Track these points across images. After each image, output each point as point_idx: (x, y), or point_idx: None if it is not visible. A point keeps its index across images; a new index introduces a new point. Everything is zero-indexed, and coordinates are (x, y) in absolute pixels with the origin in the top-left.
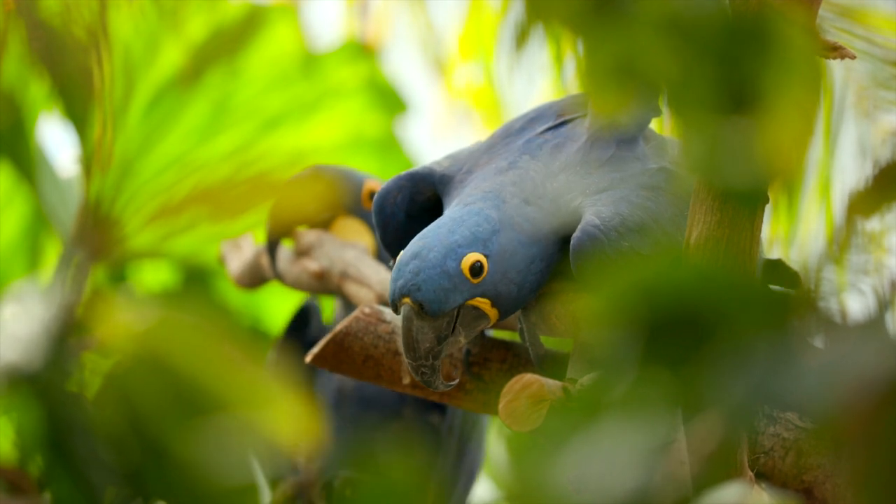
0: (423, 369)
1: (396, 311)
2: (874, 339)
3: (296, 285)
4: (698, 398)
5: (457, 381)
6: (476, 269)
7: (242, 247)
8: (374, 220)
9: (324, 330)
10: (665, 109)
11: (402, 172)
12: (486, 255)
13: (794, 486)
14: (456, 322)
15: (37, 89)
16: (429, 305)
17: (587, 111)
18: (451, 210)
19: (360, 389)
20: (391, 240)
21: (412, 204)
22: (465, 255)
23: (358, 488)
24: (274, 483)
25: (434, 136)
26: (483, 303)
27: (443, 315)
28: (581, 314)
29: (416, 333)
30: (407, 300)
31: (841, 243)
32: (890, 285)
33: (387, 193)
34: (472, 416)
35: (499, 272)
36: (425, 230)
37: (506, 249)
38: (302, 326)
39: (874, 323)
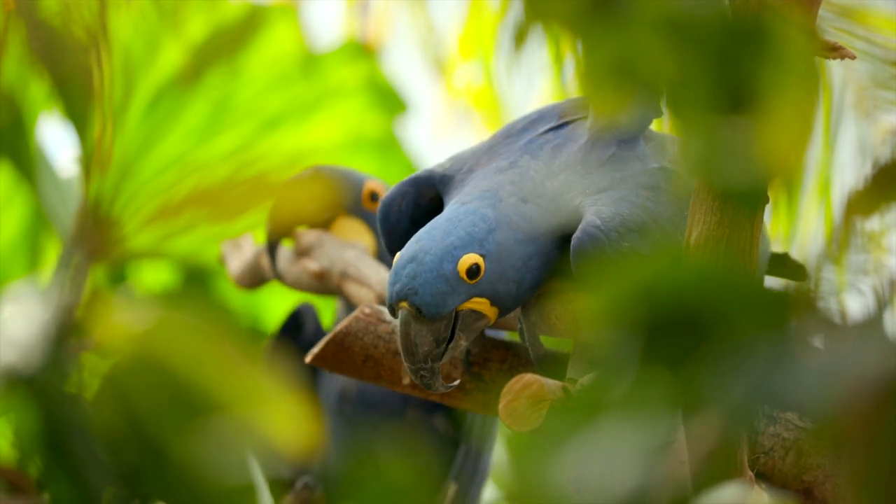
0: (422, 372)
1: (394, 314)
2: (874, 339)
3: (296, 285)
4: (698, 398)
5: (457, 382)
6: (473, 271)
7: (242, 247)
8: (379, 228)
9: (320, 333)
10: (665, 109)
11: (405, 178)
12: (482, 255)
13: (794, 486)
14: (455, 326)
15: (37, 89)
16: (426, 309)
17: (589, 113)
18: (448, 210)
19: (362, 392)
20: (396, 247)
21: (416, 208)
22: (462, 256)
23: (357, 495)
24: (274, 484)
25: (434, 137)
26: (482, 303)
27: (441, 318)
28: (581, 314)
29: (415, 337)
30: (404, 304)
31: (840, 243)
32: (889, 285)
33: (391, 201)
34: (489, 422)
35: (496, 271)
36: (421, 232)
37: (502, 248)
38: (294, 330)
39: (874, 323)
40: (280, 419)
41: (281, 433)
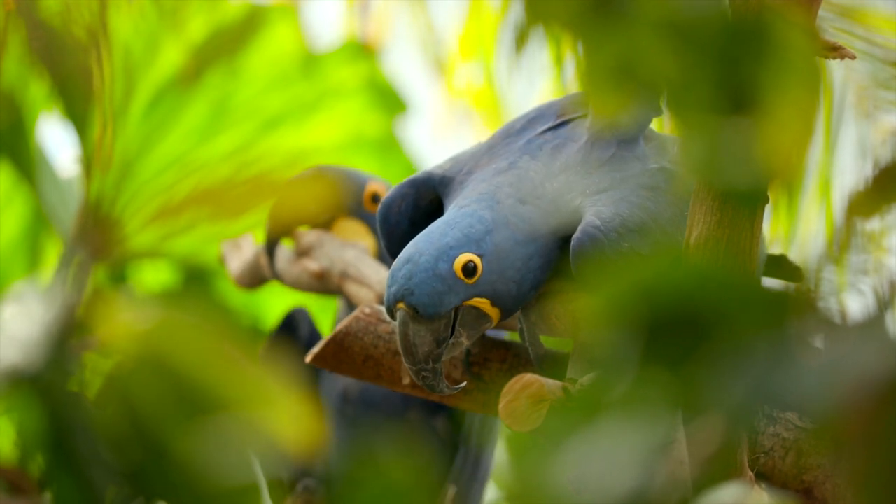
0: (424, 373)
1: (392, 316)
2: (874, 339)
3: (296, 285)
4: (698, 398)
5: (463, 384)
6: (469, 270)
7: (242, 247)
8: (378, 230)
9: (315, 336)
10: (665, 109)
11: (404, 180)
12: (479, 255)
13: (794, 487)
14: (455, 323)
15: (37, 89)
16: (423, 309)
17: (587, 111)
18: (446, 214)
19: (364, 393)
20: (396, 249)
21: (416, 210)
22: (457, 256)
23: (358, 496)
24: (275, 485)
25: (434, 137)
26: (482, 303)
27: (439, 318)
28: (581, 314)
29: (413, 338)
30: (401, 305)
31: (841, 243)
32: (889, 285)
33: (391, 203)
34: (489, 424)
35: (494, 271)
36: (419, 235)
37: (501, 248)
38: (290, 333)
39: (874, 323)
40: (282, 419)
41: (283, 433)
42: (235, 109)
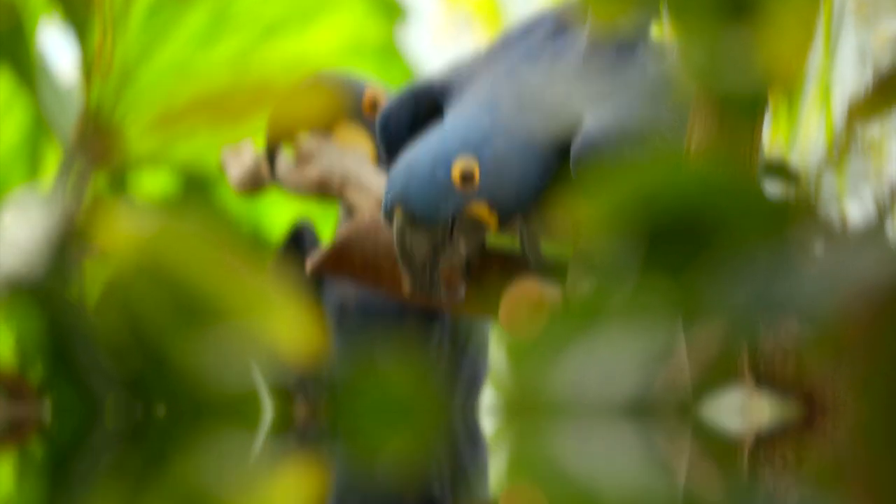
0: (421, 280)
1: (390, 222)
2: (874, 246)
3: (296, 191)
4: (698, 305)
5: (462, 291)
6: (467, 176)
7: (243, 154)
8: (378, 139)
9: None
10: (665, 15)
11: (404, 89)
12: (477, 162)
13: (795, 392)
14: (453, 230)
15: None
16: (420, 214)
17: (586, 18)
18: (446, 121)
19: (360, 303)
20: (395, 158)
21: (415, 119)
22: (455, 162)
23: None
24: (277, 392)
25: (434, 44)
26: (480, 210)
27: (436, 224)
28: (581, 222)
29: (411, 244)
30: (398, 211)
31: (841, 150)
32: (889, 191)
33: (390, 112)
34: (467, 326)
35: (492, 178)
36: (417, 142)
37: (499, 155)
38: (296, 247)
39: (874, 229)
40: (283, 327)
41: (284, 341)
42: (235, 16)
